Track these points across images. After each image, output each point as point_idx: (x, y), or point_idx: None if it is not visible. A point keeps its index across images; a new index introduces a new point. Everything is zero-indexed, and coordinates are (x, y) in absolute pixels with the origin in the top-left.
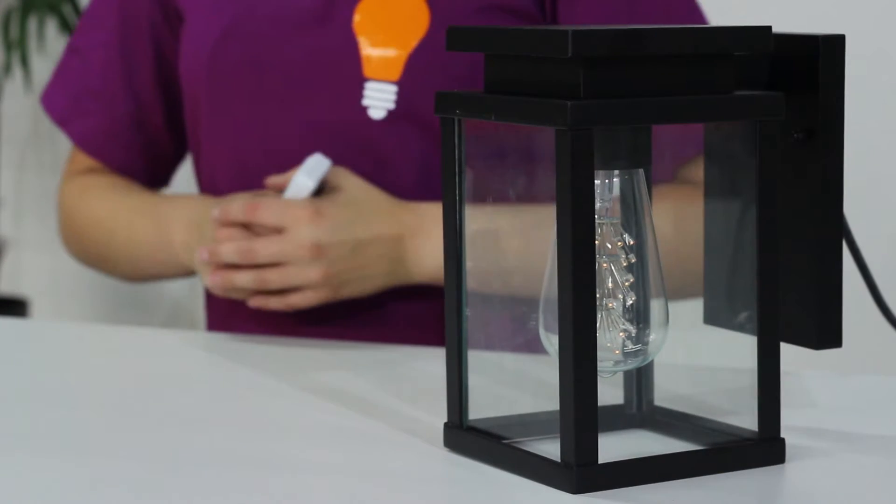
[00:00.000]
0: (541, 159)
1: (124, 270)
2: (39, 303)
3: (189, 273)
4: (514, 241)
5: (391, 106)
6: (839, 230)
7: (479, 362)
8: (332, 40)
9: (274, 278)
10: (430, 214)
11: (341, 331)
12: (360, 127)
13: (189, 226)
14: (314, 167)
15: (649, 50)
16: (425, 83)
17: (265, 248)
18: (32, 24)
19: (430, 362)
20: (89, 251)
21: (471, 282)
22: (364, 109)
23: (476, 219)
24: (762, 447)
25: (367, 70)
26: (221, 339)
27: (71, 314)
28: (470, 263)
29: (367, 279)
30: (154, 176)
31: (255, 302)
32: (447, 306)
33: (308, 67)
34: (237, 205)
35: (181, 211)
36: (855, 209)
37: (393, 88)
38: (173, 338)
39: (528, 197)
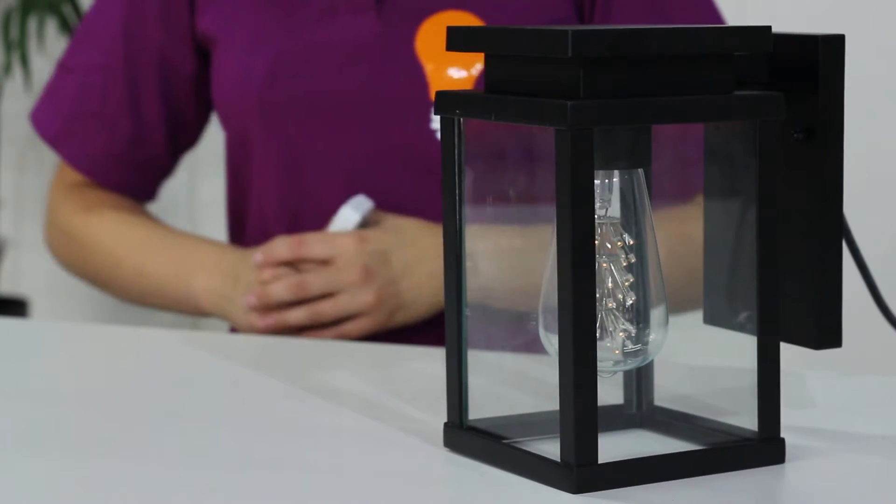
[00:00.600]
0: (541, 159)
1: (129, 297)
2: (39, 303)
3: (201, 314)
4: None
5: None
6: (839, 230)
7: (479, 362)
8: (395, 66)
9: (328, 309)
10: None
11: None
12: (428, 150)
13: (220, 274)
14: (359, 203)
15: (649, 50)
16: None
17: (316, 280)
18: (32, 24)
19: (430, 362)
20: (90, 273)
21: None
22: (433, 133)
23: (476, 227)
24: (762, 447)
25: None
26: (222, 339)
27: (71, 314)
28: (469, 263)
29: (420, 301)
30: (144, 190)
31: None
32: (447, 306)
33: (369, 94)
34: (282, 243)
35: (208, 258)
36: (855, 209)
37: None
38: (173, 338)
39: (527, 197)
